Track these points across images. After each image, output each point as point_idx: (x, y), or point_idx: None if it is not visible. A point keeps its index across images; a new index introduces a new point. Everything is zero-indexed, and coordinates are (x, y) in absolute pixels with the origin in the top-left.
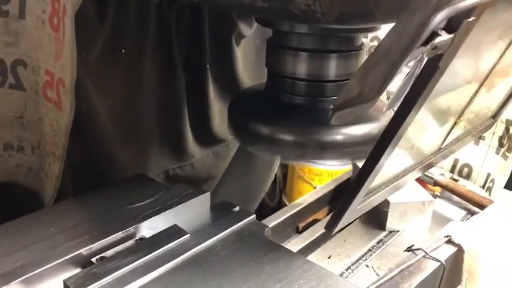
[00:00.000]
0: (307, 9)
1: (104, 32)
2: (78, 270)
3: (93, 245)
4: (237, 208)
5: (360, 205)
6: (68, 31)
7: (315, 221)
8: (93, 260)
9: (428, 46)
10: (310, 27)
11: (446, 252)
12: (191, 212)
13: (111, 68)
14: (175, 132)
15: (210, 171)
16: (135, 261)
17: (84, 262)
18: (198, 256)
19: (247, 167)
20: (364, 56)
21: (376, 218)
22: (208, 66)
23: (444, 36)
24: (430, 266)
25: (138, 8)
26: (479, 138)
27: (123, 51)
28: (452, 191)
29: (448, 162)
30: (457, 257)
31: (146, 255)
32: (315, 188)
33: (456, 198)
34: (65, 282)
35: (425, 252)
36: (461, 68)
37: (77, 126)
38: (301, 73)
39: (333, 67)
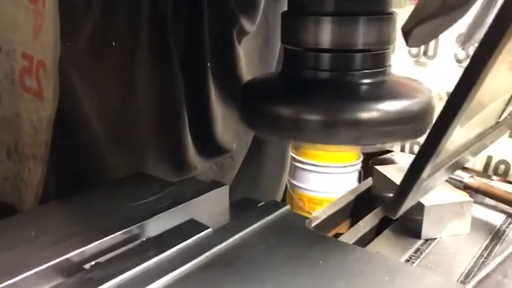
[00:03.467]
0: None
1: (91, 20)
2: None
3: (86, 247)
4: (263, 203)
5: (423, 183)
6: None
7: (337, 235)
8: (86, 267)
9: None
10: None
11: None
12: (209, 207)
13: (99, 62)
14: (174, 139)
15: None
16: (142, 263)
17: (74, 270)
18: (226, 253)
19: (254, 179)
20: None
21: (408, 226)
22: (208, 64)
23: None
24: None
25: None
26: None
27: (113, 44)
28: (486, 193)
29: (479, 162)
30: None
31: (156, 256)
32: None
33: (491, 202)
34: None
35: None
36: None
37: (60, 125)
38: (325, 43)
39: (361, 33)
